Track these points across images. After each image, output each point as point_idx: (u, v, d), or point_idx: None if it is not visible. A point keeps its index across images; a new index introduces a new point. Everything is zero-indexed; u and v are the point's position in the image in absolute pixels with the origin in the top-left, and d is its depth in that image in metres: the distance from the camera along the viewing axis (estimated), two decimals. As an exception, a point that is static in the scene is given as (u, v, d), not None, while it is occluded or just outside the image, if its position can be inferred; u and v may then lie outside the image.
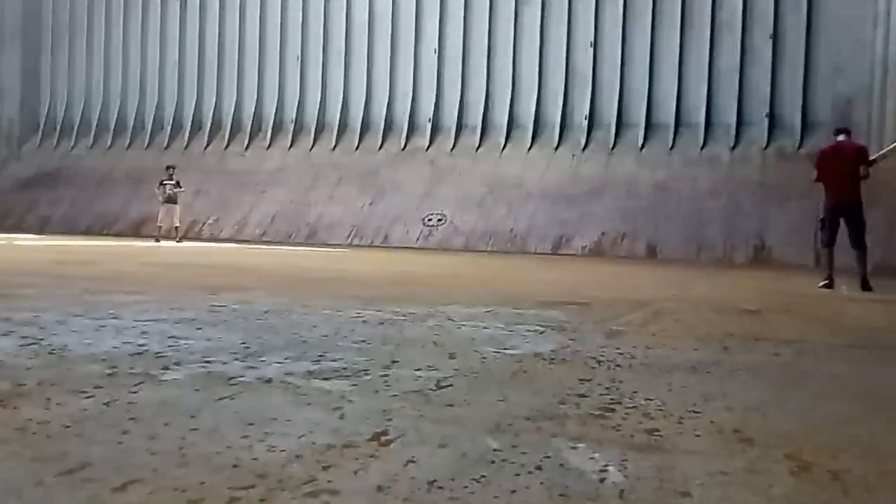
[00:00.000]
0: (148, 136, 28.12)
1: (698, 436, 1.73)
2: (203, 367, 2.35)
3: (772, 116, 20.38)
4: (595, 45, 22.44)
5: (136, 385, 2.05)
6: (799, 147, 19.78)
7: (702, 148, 20.83)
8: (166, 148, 27.35)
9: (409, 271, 9.03)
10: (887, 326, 4.60)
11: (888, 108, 16.21)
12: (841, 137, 8.78)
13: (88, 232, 25.01)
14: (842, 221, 8.58)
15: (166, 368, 2.30)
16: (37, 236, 19.48)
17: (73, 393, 1.93)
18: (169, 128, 27.87)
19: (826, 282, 8.29)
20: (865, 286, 7.97)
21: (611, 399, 2.09)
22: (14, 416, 1.68)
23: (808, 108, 20.04)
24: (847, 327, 4.40)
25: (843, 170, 8.42)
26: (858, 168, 8.40)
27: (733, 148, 20.52)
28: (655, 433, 1.74)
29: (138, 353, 2.55)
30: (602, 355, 2.86)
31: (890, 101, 16.05)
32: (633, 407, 2.00)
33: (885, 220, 13.26)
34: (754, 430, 1.81)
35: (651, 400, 2.10)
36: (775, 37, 20.45)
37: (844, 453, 1.63)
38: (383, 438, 1.61)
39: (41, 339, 2.76)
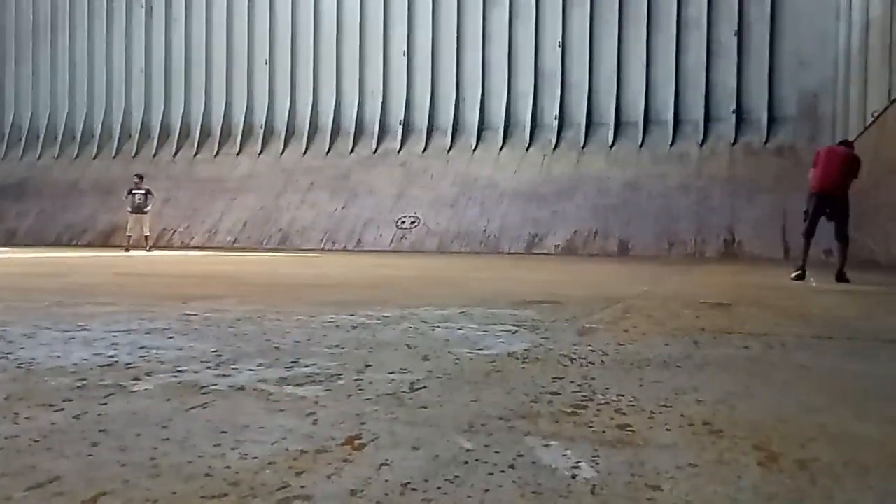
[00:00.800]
0: (115, 145, 27.84)
1: (669, 430, 1.75)
2: (174, 376, 2.33)
3: (739, 112, 20.66)
4: (563, 45, 22.61)
5: (106, 397, 2.03)
6: (766, 142, 20.07)
7: (671, 145, 21.07)
8: (134, 156, 27.11)
9: (383, 274, 9.02)
10: (853, 316, 4.68)
11: (852, 101, 16.49)
12: (841, 147, 9.00)
13: (57, 243, 24.69)
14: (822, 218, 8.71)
15: (137, 379, 2.28)
16: (3, 249, 19.18)
17: (41, 406, 1.91)
18: (137, 136, 27.64)
19: (798, 272, 8.43)
20: (841, 278, 8.12)
21: (583, 396, 2.11)
22: (-19, 432, 1.66)
23: (774, 102, 20.35)
24: (814, 319, 4.47)
25: (833, 165, 8.56)
26: (849, 171, 8.55)
27: (702, 144, 20.78)
28: (627, 428, 1.76)
29: (108, 365, 2.52)
30: (575, 353, 2.88)
31: (853, 93, 16.33)
32: (605, 403, 2.02)
33: (852, 212, 13.47)
34: (724, 422, 1.83)
35: (623, 396, 2.12)
36: (740, 32, 20.75)
37: (811, 442, 1.66)
38: (357, 442, 1.61)
39: (9, 353, 2.72)
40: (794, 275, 8.46)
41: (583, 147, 22.01)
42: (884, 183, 12.59)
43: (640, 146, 21.40)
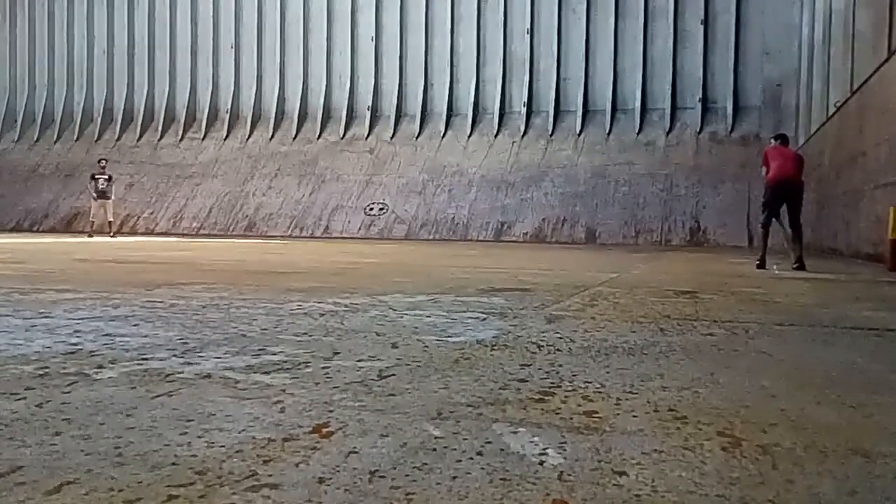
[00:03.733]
0: (77, 129, 27.31)
1: (635, 416, 1.77)
2: (139, 364, 2.31)
3: (704, 101, 20.86)
4: (532, 32, 22.61)
5: (69, 385, 2.00)
6: (731, 131, 20.30)
7: (638, 133, 21.21)
8: (97, 140, 26.63)
9: (351, 261, 8.99)
10: (813, 304, 4.77)
11: (814, 92, 16.72)
12: (779, 142, 9.19)
13: (17, 229, 24.21)
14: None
15: (101, 367, 2.25)
16: (-38, 234, 18.74)
17: (2, 395, 1.87)
18: (99, 119, 27.14)
19: (759, 262, 8.62)
20: (801, 265, 8.28)
21: (551, 383, 2.12)
22: (-60, 422, 1.63)
23: (738, 92, 20.56)
24: (776, 306, 4.54)
25: (788, 159, 8.87)
26: (800, 166, 8.81)
27: (668, 132, 20.95)
28: (594, 415, 1.77)
29: (71, 353, 2.48)
30: (542, 340, 2.90)
31: (816, 84, 16.56)
32: (573, 390, 2.04)
33: (814, 201, 13.72)
34: (688, 408, 1.86)
35: (590, 382, 2.14)
36: (706, 22, 20.91)
37: (773, 428, 1.69)
38: (324, 430, 1.60)
39: (-32, 341, 2.67)
40: (756, 264, 8.67)
41: (551, 135, 22.07)
42: (844, 172, 12.82)
43: (608, 134, 21.53)
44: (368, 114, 24.03)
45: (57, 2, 28.12)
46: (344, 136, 24.09)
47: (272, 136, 24.84)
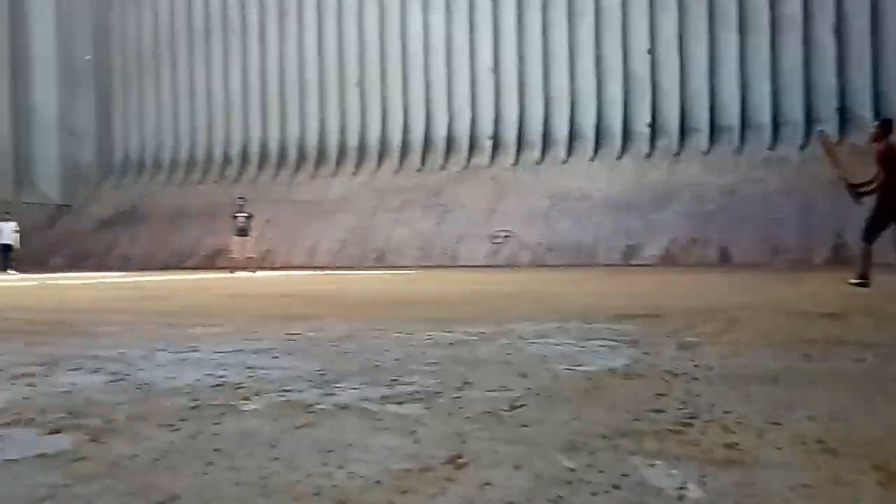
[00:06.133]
0: (218, 170, 28.94)
1: (779, 448, 1.70)
2: (281, 395, 2.41)
3: (842, 111, 19.75)
4: (652, 51, 22.22)
5: (218, 416, 2.11)
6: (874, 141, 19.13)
7: (769, 148, 20.34)
8: (235, 181, 28.11)
9: (478, 290, 9.04)
10: (979, 324, 4.40)
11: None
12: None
13: (166, 267, 25.80)
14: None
15: (246, 399, 2.36)
16: (119, 273, 20.15)
17: (159, 426, 2.00)
18: (238, 161, 28.65)
19: (861, 279, 7.82)
20: None
21: (688, 413, 2.06)
22: (106, 451, 1.76)
23: (879, 100, 19.37)
24: (935, 327, 4.23)
25: None
26: None
27: (803, 147, 19.95)
28: (735, 447, 1.71)
29: (219, 385, 2.62)
30: (677, 368, 2.82)
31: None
32: (711, 420, 1.97)
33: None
34: (838, 440, 1.76)
35: (729, 412, 2.06)
36: (839, 30, 19.88)
37: (936, 461, 1.57)
38: (459, 461, 1.62)
39: (127, 375, 2.87)
40: (859, 283, 7.80)
41: (676, 154, 21.53)
42: None
43: (737, 151, 20.77)
44: (490, 143, 24.25)
45: (197, 54, 30.04)
46: (467, 165, 24.39)
47: (398, 170, 25.48)
